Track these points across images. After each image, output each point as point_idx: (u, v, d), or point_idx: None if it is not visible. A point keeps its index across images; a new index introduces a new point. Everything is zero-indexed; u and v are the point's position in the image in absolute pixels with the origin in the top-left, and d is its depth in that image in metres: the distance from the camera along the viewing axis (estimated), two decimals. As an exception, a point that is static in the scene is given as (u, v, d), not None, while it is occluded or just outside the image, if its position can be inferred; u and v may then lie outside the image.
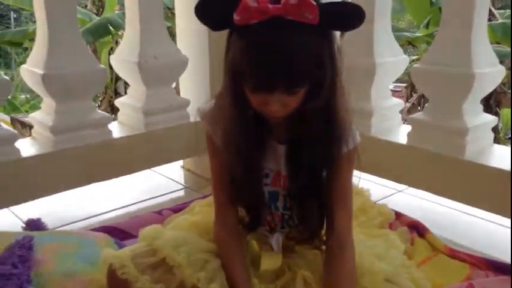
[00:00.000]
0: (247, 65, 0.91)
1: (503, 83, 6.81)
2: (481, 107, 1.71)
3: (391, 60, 1.85)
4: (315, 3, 0.89)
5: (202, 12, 0.95)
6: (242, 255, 1.11)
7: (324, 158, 1.04)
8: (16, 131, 1.63)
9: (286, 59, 0.88)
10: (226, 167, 1.09)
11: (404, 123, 1.96)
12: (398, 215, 1.61)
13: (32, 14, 1.70)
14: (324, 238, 1.13)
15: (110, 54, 7.22)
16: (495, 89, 1.76)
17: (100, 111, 1.83)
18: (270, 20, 0.88)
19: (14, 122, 7.38)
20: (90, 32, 5.68)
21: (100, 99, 8.00)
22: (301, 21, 0.88)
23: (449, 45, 1.62)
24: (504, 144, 7.08)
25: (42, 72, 1.61)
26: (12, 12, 15.33)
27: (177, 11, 2.15)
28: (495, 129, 6.57)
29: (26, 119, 6.19)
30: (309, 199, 1.08)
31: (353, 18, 0.93)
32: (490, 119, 1.71)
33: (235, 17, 0.90)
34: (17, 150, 1.60)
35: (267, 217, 1.14)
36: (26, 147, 1.67)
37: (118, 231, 1.52)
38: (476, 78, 1.55)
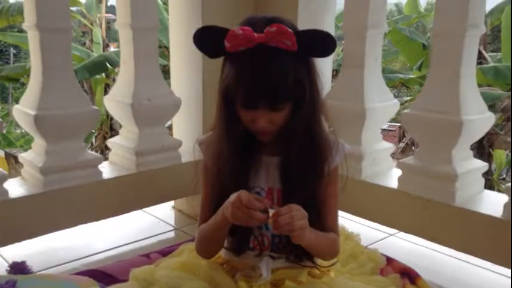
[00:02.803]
0: (236, 85, 1.05)
1: (495, 124, 6.89)
2: (470, 152, 1.72)
3: (382, 105, 1.87)
4: (291, 31, 1.03)
5: (200, 41, 1.10)
6: None
7: (314, 172, 1.14)
8: (5, 172, 1.62)
9: (268, 80, 1.03)
10: (215, 190, 1.18)
11: (398, 160, 1.96)
12: (390, 260, 1.59)
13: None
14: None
15: (105, 90, 7.30)
16: (488, 131, 1.78)
17: (90, 151, 1.83)
18: (256, 48, 1.03)
19: (8, 156, 7.37)
20: (87, 69, 5.75)
21: (95, 135, 8.03)
22: (282, 48, 1.03)
23: (438, 93, 1.64)
24: (498, 185, 7.11)
25: (34, 113, 1.62)
26: (11, 48, 15.53)
27: (172, 51, 2.18)
28: (488, 171, 6.61)
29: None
30: None
31: (326, 44, 1.08)
32: (481, 165, 1.72)
33: (226, 43, 1.05)
34: (5, 191, 1.58)
35: (256, 239, 1.18)
36: (15, 187, 1.66)
37: (104, 275, 1.49)
38: (464, 125, 1.56)
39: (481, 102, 1.66)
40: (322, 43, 1.08)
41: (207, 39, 1.09)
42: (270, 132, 1.10)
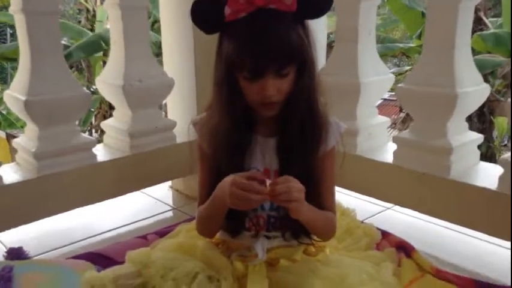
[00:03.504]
0: (239, 55, 1.04)
1: (497, 91, 6.83)
2: (466, 125, 1.71)
3: (376, 80, 1.85)
4: None
5: (198, 10, 1.08)
6: None
7: (311, 152, 1.14)
8: (0, 160, 1.61)
9: (272, 42, 1.02)
10: (212, 171, 1.17)
11: (399, 130, 1.95)
12: (385, 234, 1.60)
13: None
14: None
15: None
16: (488, 98, 1.76)
17: (84, 135, 1.81)
18: (255, 13, 1.03)
19: (9, 137, 7.38)
20: (82, 49, 5.70)
21: (95, 114, 8.02)
22: (281, 10, 1.03)
23: (432, 65, 1.62)
24: (499, 152, 7.10)
25: (24, 98, 1.60)
26: (8, 28, 15.39)
27: (163, 30, 2.15)
28: (490, 138, 6.58)
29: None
30: None
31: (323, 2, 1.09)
32: (476, 137, 1.70)
33: (227, 10, 1.04)
34: (-1, 178, 1.59)
35: (251, 221, 1.18)
36: (9, 173, 1.65)
37: (102, 258, 1.50)
38: (459, 97, 1.55)
39: (476, 74, 1.64)
40: (321, 2, 1.09)
41: (207, 8, 1.07)
42: (276, 103, 1.09)
